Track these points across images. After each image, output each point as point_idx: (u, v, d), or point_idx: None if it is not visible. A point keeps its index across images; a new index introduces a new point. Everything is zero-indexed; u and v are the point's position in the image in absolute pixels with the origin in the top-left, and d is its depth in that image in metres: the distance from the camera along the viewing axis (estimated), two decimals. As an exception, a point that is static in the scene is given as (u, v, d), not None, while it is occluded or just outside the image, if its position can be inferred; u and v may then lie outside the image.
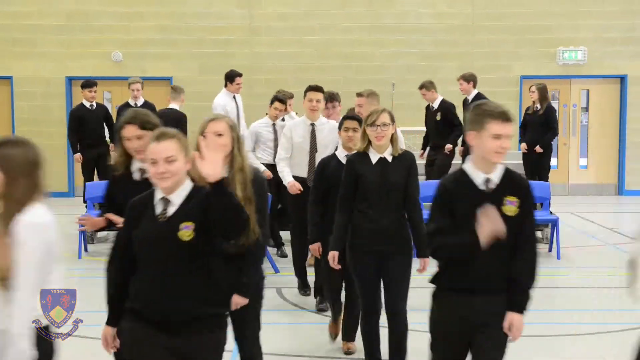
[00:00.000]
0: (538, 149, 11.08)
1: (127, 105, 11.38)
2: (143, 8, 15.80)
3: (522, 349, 6.03)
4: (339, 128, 5.87)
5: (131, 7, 15.79)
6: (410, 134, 15.04)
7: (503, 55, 15.85)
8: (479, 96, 10.92)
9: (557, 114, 11.33)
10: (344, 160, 5.59)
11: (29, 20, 15.76)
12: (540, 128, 11.18)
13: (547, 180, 10.94)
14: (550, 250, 9.83)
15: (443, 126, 11.04)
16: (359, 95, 8.67)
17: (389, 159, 5.02)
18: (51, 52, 15.83)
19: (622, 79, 16.01)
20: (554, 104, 16.43)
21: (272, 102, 9.60)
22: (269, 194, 5.63)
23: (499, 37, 15.84)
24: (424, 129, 15.56)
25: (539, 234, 10.74)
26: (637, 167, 16.08)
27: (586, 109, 16.42)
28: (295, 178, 7.42)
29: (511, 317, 3.70)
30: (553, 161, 16.44)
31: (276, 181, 8.13)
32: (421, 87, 11.32)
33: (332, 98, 7.65)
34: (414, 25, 15.86)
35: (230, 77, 10.83)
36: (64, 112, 15.96)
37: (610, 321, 6.81)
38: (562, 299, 7.88)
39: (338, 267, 5.18)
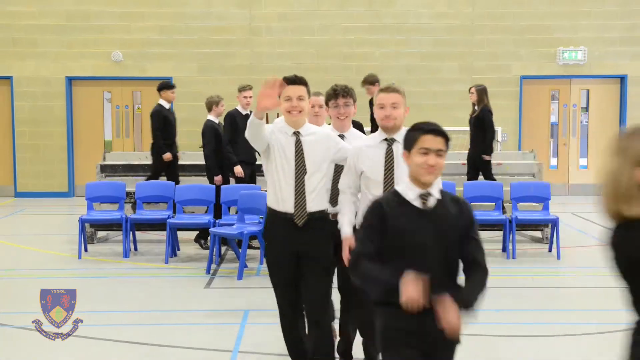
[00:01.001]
0: (485, 157, 10.91)
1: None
2: (143, 8, 15.80)
3: (522, 349, 6.04)
4: (408, 146, 3.45)
5: (131, 7, 15.79)
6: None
7: (503, 55, 15.86)
8: None
9: (492, 116, 11.03)
10: (418, 203, 3.41)
11: (29, 20, 15.77)
12: (475, 130, 11.03)
13: (491, 177, 10.75)
14: (550, 250, 9.83)
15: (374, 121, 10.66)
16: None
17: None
18: (51, 52, 15.84)
19: (622, 79, 16.01)
20: (554, 104, 16.48)
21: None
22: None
23: (499, 37, 15.84)
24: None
25: (539, 233, 10.73)
26: (637, 167, 16.08)
27: (586, 109, 16.43)
28: (279, 214, 4.83)
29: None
30: (553, 161, 16.50)
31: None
32: (365, 82, 10.96)
33: (345, 93, 5.35)
34: (413, 25, 15.86)
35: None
36: (64, 112, 15.96)
37: (610, 321, 6.80)
38: (562, 299, 7.86)
39: None
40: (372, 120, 10.22)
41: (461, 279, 3.39)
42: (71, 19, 15.81)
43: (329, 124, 5.59)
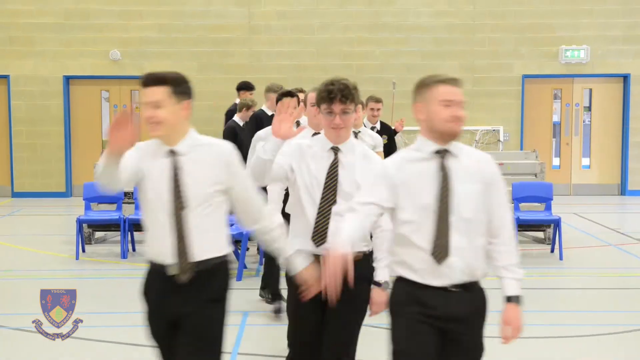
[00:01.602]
0: None
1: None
2: (142, 7, 15.74)
3: (523, 350, 5.96)
4: None
5: (130, 5, 15.73)
6: (411, 133, 14.96)
7: (504, 54, 15.79)
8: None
9: None
10: None
11: (26, 18, 15.70)
12: None
13: None
14: (552, 250, 9.78)
15: None
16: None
17: None
18: (49, 50, 15.76)
19: (625, 77, 15.94)
20: (556, 104, 16.44)
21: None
22: None
23: (500, 36, 15.78)
24: (425, 128, 15.54)
25: (541, 234, 10.68)
26: None
27: (589, 108, 16.37)
28: (156, 267, 3.63)
29: None
30: (555, 161, 16.45)
31: None
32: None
33: (345, 97, 3.80)
34: (414, 24, 15.80)
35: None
36: (61, 111, 15.89)
37: (614, 322, 6.76)
38: (564, 300, 7.83)
39: None
40: None
41: None
42: (69, 18, 15.74)
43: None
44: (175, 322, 3.49)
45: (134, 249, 9.94)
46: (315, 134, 4.44)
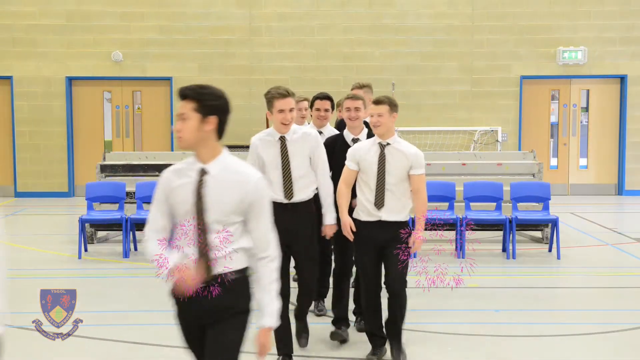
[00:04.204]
0: None
1: None
2: (143, 8, 15.82)
3: (522, 349, 6.04)
4: None
5: (131, 7, 15.81)
6: (410, 134, 15.04)
7: (503, 55, 15.87)
8: None
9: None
10: None
11: (29, 20, 15.79)
12: None
13: None
14: (550, 250, 9.83)
15: None
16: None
17: None
18: (51, 52, 15.85)
19: (622, 78, 16.02)
20: (554, 104, 16.50)
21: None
22: None
23: (499, 37, 15.85)
24: (424, 128, 15.62)
25: (539, 233, 10.74)
26: (637, 167, 16.09)
27: (586, 109, 16.43)
28: None
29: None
30: (553, 161, 16.52)
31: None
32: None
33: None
34: (413, 25, 15.88)
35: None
36: (64, 112, 15.98)
37: (610, 321, 6.81)
38: (562, 299, 7.89)
39: None
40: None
41: None
42: (71, 19, 15.83)
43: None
44: None
45: (135, 248, 10.01)
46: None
